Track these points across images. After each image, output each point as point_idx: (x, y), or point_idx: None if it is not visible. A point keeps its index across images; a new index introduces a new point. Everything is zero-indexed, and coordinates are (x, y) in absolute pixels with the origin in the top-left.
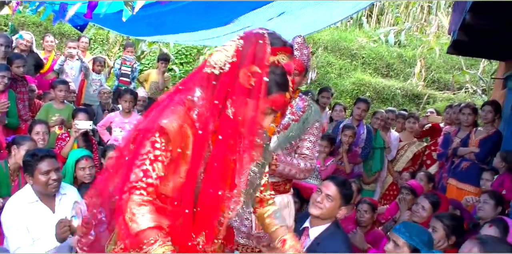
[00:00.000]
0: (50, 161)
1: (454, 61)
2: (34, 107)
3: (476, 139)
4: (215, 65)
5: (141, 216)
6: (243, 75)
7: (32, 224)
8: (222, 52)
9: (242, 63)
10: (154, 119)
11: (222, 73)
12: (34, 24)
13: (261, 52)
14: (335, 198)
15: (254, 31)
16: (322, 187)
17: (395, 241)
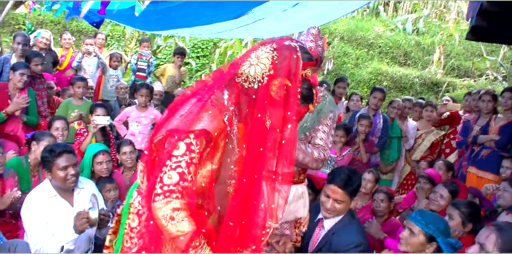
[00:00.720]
0: (68, 157)
1: (474, 48)
2: (53, 104)
3: (496, 126)
4: (254, 80)
5: (182, 220)
6: (275, 88)
7: (51, 218)
8: (258, 66)
9: (278, 76)
10: (190, 121)
11: (260, 86)
12: (52, 22)
13: (295, 67)
14: (345, 200)
15: (286, 43)
16: (328, 191)
17: (410, 229)
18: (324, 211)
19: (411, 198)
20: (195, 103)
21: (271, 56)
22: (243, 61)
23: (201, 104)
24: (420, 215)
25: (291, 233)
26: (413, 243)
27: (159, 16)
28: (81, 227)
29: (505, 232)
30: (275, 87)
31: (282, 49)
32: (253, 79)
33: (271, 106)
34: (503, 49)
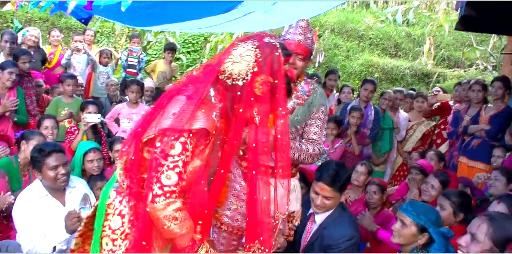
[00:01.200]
0: (58, 156)
1: (464, 38)
2: (42, 103)
3: (486, 115)
4: (238, 77)
5: (184, 220)
6: (258, 85)
7: (43, 218)
8: (241, 64)
9: (261, 73)
10: (186, 120)
11: (245, 84)
12: (41, 19)
13: (277, 64)
14: (334, 196)
15: (266, 40)
16: (317, 188)
17: (402, 220)
18: (314, 207)
19: (403, 189)
20: (188, 102)
21: (254, 54)
22: (225, 59)
23: (196, 103)
24: (411, 206)
25: (284, 227)
26: (405, 234)
27: (148, 11)
28: (72, 227)
29: (496, 222)
30: (258, 84)
31: (264, 47)
32: (237, 76)
33: (258, 102)
34: (493, 39)
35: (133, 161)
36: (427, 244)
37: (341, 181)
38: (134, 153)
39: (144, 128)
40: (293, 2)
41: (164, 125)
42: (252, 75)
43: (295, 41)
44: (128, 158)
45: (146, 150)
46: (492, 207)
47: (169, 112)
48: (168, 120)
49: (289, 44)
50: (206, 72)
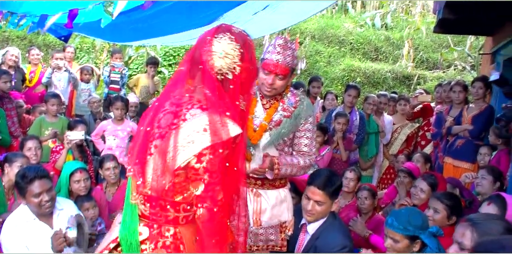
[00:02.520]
0: (41, 182)
1: (441, 39)
2: (24, 123)
3: (468, 116)
4: (227, 71)
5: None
6: (242, 72)
7: (32, 243)
8: (227, 58)
9: (243, 62)
10: (220, 131)
11: (234, 75)
12: (18, 37)
13: (252, 51)
14: (325, 201)
15: (237, 31)
16: (309, 193)
17: (392, 237)
18: (305, 214)
19: (392, 193)
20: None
21: (235, 46)
22: (209, 57)
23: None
24: (396, 220)
25: (277, 238)
26: (399, 248)
27: (129, 26)
28: (58, 247)
29: (479, 225)
30: (242, 72)
31: (238, 38)
32: (227, 70)
33: (245, 90)
34: (470, 39)
35: (168, 189)
36: (421, 248)
37: (333, 186)
38: (169, 181)
39: (164, 154)
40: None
41: (203, 144)
42: (238, 66)
43: (273, 61)
44: (154, 185)
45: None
46: (483, 209)
47: (194, 129)
48: (202, 138)
49: (268, 65)
50: (203, 78)
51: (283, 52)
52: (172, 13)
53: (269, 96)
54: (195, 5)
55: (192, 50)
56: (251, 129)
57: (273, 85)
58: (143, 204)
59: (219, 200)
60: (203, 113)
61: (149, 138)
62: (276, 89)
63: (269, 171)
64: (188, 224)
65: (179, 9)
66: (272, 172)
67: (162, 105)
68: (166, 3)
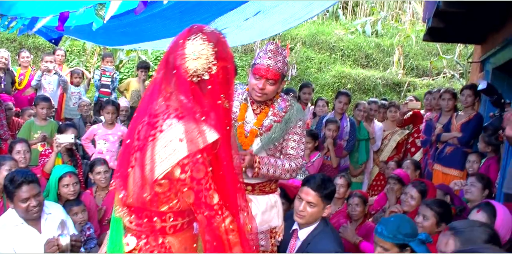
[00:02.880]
0: (28, 187)
1: (430, 47)
2: (13, 126)
3: (457, 123)
4: (203, 72)
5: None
6: (220, 71)
7: (19, 247)
8: (201, 59)
9: (219, 61)
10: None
11: (211, 75)
12: (8, 40)
13: (227, 48)
14: (317, 203)
15: (209, 30)
16: (302, 194)
17: (382, 246)
18: (296, 216)
19: (382, 199)
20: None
21: (209, 47)
22: (182, 60)
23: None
24: (385, 229)
25: (267, 243)
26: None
27: (120, 30)
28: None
29: (461, 233)
30: (219, 71)
31: (211, 37)
32: (202, 71)
33: (224, 88)
34: (459, 47)
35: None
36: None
37: (326, 189)
38: (149, 193)
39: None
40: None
41: (181, 155)
42: (214, 66)
43: (264, 66)
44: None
45: (157, 185)
46: (472, 216)
47: (170, 140)
48: (179, 148)
49: (259, 69)
50: (177, 84)
51: (274, 58)
52: (163, 18)
53: (260, 102)
54: (186, 10)
55: (166, 55)
56: (242, 134)
57: (263, 90)
58: (129, 215)
59: (215, 204)
60: (178, 123)
61: (130, 151)
62: (266, 94)
63: (249, 169)
64: (176, 234)
65: (170, 14)
66: (252, 169)
67: (140, 116)
68: (158, 8)
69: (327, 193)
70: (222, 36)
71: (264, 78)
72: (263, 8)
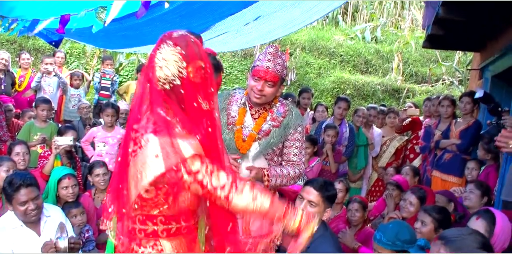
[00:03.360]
0: (27, 191)
1: (429, 54)
2: (12, 128)
3: (456, 130)
4: (174, 78)
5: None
6: (193, 73)
7: (18, 249)
8: (170, 65)
9: (190, 63)
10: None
11: (182, 79)
12: (8, 41)
13: (197, 48)
14: (318, 204)
15: (175, 35)
16: (303, 193)
17: (381, 253)
18: None
19: (381, 205)
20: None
21: (176, 51)
22: (152, 70)
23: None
24: (384, 235)
25: (266, 247)
26: None
27: (121, 33)
28: None
29: (452, 242)
30: (192, 73)
31: (179, 41)
32: (172, 77)
33: (200, 89)
34: (458, 55)
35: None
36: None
37: (328, 191)
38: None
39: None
40: (265, 22)
41: (158, 171)
42: (184, 69)
43: (264, 68)
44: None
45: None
46: (471, 223)
47: (147, 156)
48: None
49: (258, 71)
50: (151, 96)
51: (273, 60)
52: (164, 21)
53: (258, 105)
54: (187, 14)
55: (145, 70)
56: (240, 139)
57: (262, 91)
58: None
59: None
60: (154, 137)
61: (122, 166)
62: (265, 95)
63: (258, 182)
64: (169, 238)
65: (171, 18)
66: (262, 183)
67: (128, 131)
68: (159, 12)
69: (329, 195)
70: (192, 37)
71: (263, 80)
72: (263, 13)
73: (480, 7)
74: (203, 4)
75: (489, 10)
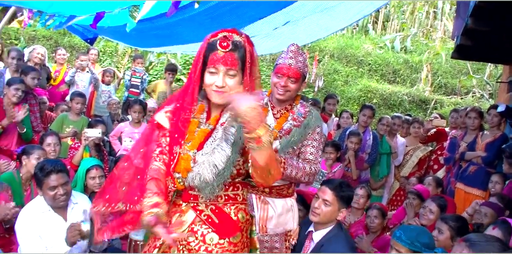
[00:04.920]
0: (57, 176)
1: (460, 66)
2: (45, 119)
3: (482, 142)
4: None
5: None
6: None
7: (45, 233)
8: None
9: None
10: None
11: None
12: (45, 37)
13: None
14: (332, 203)
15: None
16: (319, 192)
17: (397, 249)
18: (311, 214)
19: (400, 214)
20: None
21: None
22: None
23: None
24: (404, 233)
25: (281, 246)
26: None
27: (152, 32)
28: (72, 239)
29: (476, 245)
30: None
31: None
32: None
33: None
34: (489, 68)
35: None
36: None
37: (343, 192)
38: None
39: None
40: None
41: None
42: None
43: (286, 65)
44: None
45: None
46: (487, 232)
47: None
48: None
49: (281, 68)
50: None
51: (295, 58)
52: (194, 22)
53: (280, 105)
54: (217, 17)
55: None
56: None
57: (286, 87)
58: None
59: None
60: None
61: None
62: (289, 91)
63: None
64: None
65: (201, 19)
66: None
67: None
68: (190, 13)
69: (344, 195)
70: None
71: (286, 77)
72: (293, 18)
73: (508, 19)
74: (234, 6)
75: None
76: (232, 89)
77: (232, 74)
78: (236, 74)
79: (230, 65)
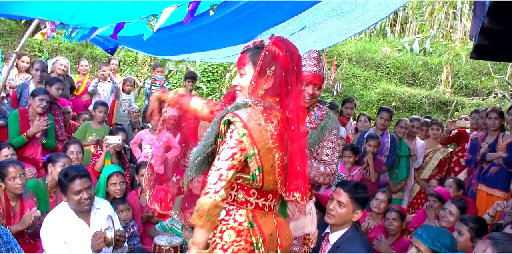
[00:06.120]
0: (81, 181)
1: (481, 66)
2: (69, 128)
3: (503, 143)
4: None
5: None
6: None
7: (69, 238)
8: None
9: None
10: None
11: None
12: (67, 49)
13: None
14: (347, 204)
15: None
16: (334, 194)
17: (417, 247)
18: (326, 216)
19: (421, 217)
20: None
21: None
22: None
23: None
24: (426, 232)
25: (300, 249)
26: None
27: (170, 41)
28: (98, 247)
29: (500, 244)
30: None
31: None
32: None
33: None
34: (510, 68)
35: None
36: None
37: (358, 193)
38: None
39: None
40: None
41: None
42: None
43: (312, 73)
44: None
45: None
46: (506, 231)
47: None
48: None
49: (307, 76)
50: None
51: (318, 64)
52: (211, 30)
53: None
54: (233, 23)
55: None
56: None
57: (313, 95)
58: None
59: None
60: None
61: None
62: (315, 98)
63: None
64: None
65: (218, 26)
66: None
67: None
68: (206, 21)
69: (358, 196)
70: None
71: (313, 84)
72: (309, 24)
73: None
74: (249, 13)
75: None
76: (243, 88)
77: (241, 73)
78: (245, 73)
79: (238, 64)
